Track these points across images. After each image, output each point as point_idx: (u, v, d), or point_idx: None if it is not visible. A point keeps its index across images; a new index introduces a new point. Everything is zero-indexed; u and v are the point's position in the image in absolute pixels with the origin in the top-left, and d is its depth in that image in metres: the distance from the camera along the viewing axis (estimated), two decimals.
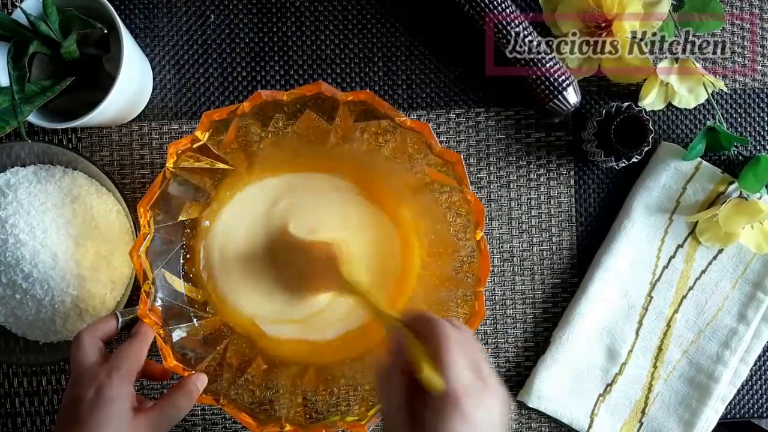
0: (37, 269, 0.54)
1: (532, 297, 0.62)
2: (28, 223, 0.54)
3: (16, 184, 0.56)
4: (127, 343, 0.48)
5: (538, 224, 0.62)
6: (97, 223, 0.56)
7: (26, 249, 0.53)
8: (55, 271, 0.54)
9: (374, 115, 0.53)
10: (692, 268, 0.61)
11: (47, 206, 0.55)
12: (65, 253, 0.54)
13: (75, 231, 0.55)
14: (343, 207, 0.57)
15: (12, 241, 0.54)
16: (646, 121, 0.56)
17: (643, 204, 0.61)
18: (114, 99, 0.51)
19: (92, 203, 0.57)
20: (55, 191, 0.56)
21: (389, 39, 0.62)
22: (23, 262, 0.54)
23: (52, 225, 0.54)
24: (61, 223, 0.55)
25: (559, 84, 0.57)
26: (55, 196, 0.56)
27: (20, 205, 0.54)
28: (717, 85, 0.58)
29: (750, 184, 0.58)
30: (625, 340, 0.61)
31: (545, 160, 0.62)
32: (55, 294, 0.54)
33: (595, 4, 0.56)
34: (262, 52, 0.61)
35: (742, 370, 0.61)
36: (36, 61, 0.54)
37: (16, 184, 0.56)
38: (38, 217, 0.54)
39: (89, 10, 0.52)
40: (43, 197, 0.55)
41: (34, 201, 0.55)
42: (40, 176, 0.57)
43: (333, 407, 0.55)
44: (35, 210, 0.55)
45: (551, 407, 0.61)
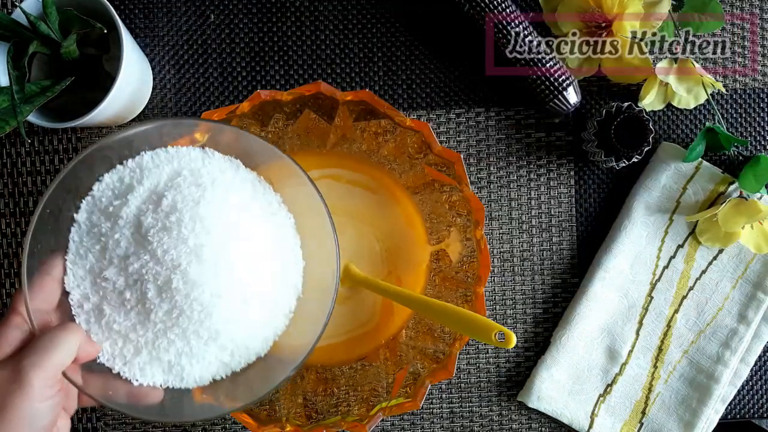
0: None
1: (532, 297, 0.62)
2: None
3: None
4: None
5: (539, 224, 0.62)
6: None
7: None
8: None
9: (374, 115, 0.53)
10: (692, 268, 0.61)
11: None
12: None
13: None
14: (351, 198, 0.57)
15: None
16: (646, 121, 0.56)
17: (644, 204, 0.61)
18: (114, 99, 0.51)
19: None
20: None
21: (389, 39, 0.62)
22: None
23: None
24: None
25: (559, 84, 0.57)
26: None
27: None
28: (716, 85, 0.58)
29: (750, 184, 0.58)
30: (625, 340, 0.61)
31: (545, 160, 0.62)
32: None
33: (595, 4, 0.56)
34: (262, 52, 0.61)
35: (742, 370, 0.61)
36: (36, 61, 0.54)
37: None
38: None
39: (89, 10, 0.52)
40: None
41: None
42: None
43: (333, 408, 0.55)
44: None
45: (551, 407, 0.61)
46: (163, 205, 0.43)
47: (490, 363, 0.62)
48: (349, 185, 0.57)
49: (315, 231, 0.47)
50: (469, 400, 0.62)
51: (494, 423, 0.62)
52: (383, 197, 0.57)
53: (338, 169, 0.57)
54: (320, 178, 0.56)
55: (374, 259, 0.57)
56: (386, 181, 0.57)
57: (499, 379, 0.62)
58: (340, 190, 0.57)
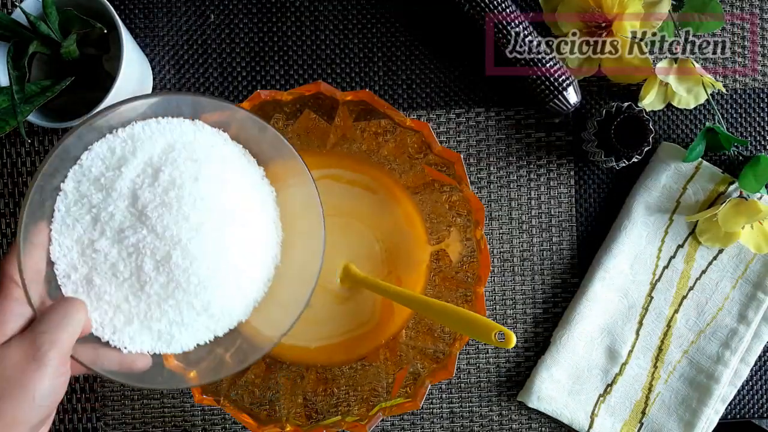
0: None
1: (532, 297, 0.62)
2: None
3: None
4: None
5: (539, 224, 0.62)
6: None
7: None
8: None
9: (374, 115, 0.53)
10: (692, 268, 0.61)
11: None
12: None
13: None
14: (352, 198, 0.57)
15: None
16: (646, 121, 0.56)
17: (644, 204, 0.61)
18: (114, 99, 0.51)
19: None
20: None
21: (389, 39, 0.62)
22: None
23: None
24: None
25: (559, 84, 0.57)
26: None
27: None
28: (716, 86, 0.58)
29: (750, 184, 0.58)
30: (625, 340, 0.61)
31: (545, 160, 0.62)
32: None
33: (595, 4, 0.56)
34: (262, 52, 0.61)
35: (742, 370, 0.61)
36: (36, 61, 0.54)
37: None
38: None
39: (89, 9, 0.52)
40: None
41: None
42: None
43: (333, 408, 0.55)
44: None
45: (551, 407, 0.61)
46: (161, 180, 0.43)
47: (490, 363, 0.62)
48: (349, 185, 0.57)
49: (300, 209, 0.49)
50: (469, 400, 0.62)
51: (494, 423, 0.62)
52: (383, 197, 0.57)
53: (338, 169, 0.57)
54: (320, 178, 0.56)
55: (374, 259, 0.57)
56: (386, 181, 0.57)
57: (499, 379, 0.62)
58: (340, 190, 0.57)
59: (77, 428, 0.62)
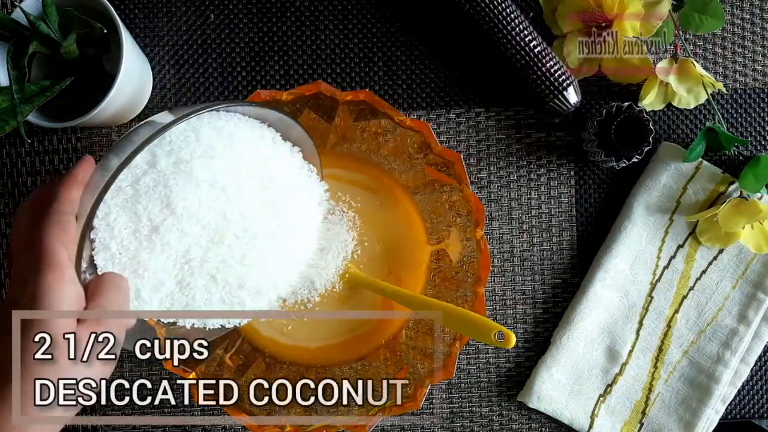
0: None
1: (533, 297, 0.62)
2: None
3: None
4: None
5: (539, 224, 0.62)
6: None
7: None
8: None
9: (374, 115, 0.53)
10: (693, 268, 0.61)
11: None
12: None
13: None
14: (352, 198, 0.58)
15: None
16: (646, 121, 0.56)
17: (644, 204, 0.61)
18: (114, 98, 0.51)
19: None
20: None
21: (389, 39, 0.61)
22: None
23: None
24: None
25: (559, 84, 0.57)
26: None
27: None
28: (716, 85, 0.58)
29: (750, 184, 0.58)
30: (625, 340, 0.61)
31: (545, 160, 0.62)
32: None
33: (595, 4, 0.56)
34: (262, 51, 0.61)
35: (742, 370, 0.61)
36: (36, 61, 0.54)
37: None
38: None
39: (89, 9, 0.52)
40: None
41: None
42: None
43: (333, 408, 0.55)
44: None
45: (551, 408, 0.61)
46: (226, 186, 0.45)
47: (490, 363, 0.62)
48: (349, 185, 0.57)
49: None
50: (469, 400, 0.62)
51: (494, 423, 0.62)
52: (383, 197, 0.57)
53: (338, 169, 0.57)
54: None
55: (374, 259, 0.57)
56: (386, 181, 0.57)
57: (499, 379, 0.62)
58: (340, 190, 0.57)
59: (77, 428, 0.61)
